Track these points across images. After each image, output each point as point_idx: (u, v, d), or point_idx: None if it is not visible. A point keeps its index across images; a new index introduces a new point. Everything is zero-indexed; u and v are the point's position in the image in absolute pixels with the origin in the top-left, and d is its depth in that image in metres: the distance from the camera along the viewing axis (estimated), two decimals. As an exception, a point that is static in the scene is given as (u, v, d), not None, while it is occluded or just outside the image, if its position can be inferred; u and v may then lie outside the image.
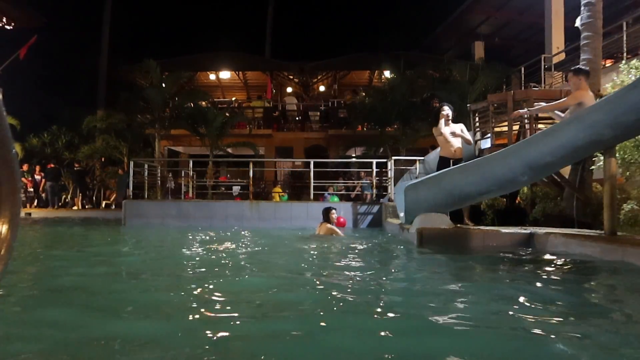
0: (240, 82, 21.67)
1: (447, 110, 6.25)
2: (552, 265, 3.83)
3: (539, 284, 3.12)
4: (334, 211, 7.23)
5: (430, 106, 15.72)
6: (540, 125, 6.44)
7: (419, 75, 15.47)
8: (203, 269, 3.90)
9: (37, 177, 16.25)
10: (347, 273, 3.69)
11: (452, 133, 6.25)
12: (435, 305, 2.58)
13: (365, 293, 2.88)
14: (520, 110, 5.64)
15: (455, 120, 6.41)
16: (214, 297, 2.67)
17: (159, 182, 11.79)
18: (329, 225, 7.02)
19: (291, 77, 21.19)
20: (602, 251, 3.71)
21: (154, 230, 8.81)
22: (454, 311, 2.40)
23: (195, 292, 2.80)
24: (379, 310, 2.43)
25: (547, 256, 4.18)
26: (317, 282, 3.30)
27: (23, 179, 15.59)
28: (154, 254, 5.43)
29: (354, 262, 4.38)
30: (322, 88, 21.80)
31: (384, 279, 3.53)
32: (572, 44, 11.49)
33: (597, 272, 3.41)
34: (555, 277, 3.37)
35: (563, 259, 3.92)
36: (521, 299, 2.68)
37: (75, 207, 15.99)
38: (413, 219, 5.67)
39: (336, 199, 11.61)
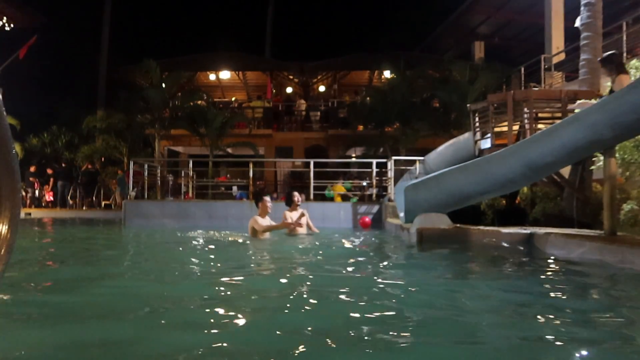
0: (240, 82, 21.65)
1: None
2: (552, 266, 3.83)
3: (538, 285, 3.12)
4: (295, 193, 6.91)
5: (430, 106, 15.71)
6: (540, 125, 6.44)
7: (419, 75, 15.45)
8: (210, 275, 3.90)
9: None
10: (346, 273, 3.69)
11: None
12: (434, 305, 2.58)
13: (365, 293, 2.88)
14: None
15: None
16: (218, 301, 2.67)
17: (159, 182, 11.78)
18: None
19: (291, 77, 21.17)
20: (601, 251, 3.70)
21: (155, 232, 8.80)
22: (453, 311, 2.40)
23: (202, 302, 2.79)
24: (377, 309, 2.43)
25: (547, 256, 4.18)
26: (316, 281, 3.30)
27: (31, 178, 15.61)
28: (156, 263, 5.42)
29: (353, 262, 4.38)
30: (322, 88, 21.77)
31: (384, 278, 3.53)
32: (572, 44, 11.48)
33: (596, 273, 3.41)
34: (555, 278, 3.37)
35: (563, 260, 3.92)
36: (521, 299, 2.69)
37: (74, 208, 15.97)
38: (413, 219, 5.67)
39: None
